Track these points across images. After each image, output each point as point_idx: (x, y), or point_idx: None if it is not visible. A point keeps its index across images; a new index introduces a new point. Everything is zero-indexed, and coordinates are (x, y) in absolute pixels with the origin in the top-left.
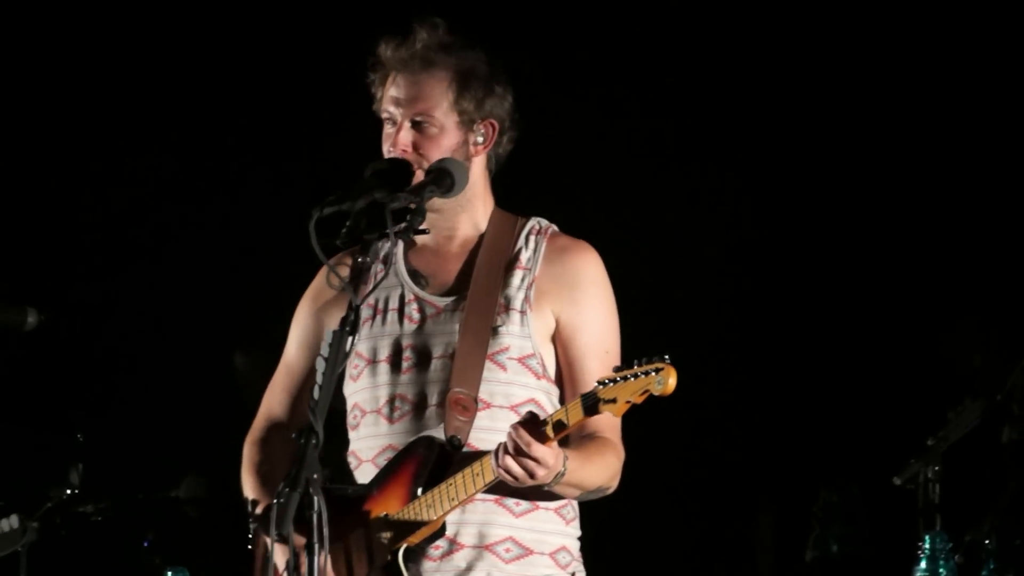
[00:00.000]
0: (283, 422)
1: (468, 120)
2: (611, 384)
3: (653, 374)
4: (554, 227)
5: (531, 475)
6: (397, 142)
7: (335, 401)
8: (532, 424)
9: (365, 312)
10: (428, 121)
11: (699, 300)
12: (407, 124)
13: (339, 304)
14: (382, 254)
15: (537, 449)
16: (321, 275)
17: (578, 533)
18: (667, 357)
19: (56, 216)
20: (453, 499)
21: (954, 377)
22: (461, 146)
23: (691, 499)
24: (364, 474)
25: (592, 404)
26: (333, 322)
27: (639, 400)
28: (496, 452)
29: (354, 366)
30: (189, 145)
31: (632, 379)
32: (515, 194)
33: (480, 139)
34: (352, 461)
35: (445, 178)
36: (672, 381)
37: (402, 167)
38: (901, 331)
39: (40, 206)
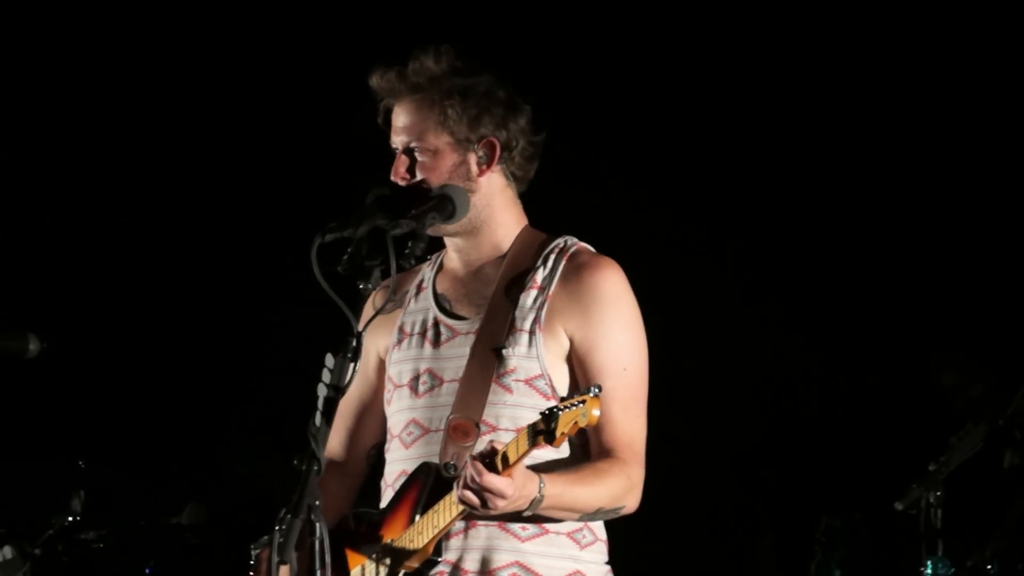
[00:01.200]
0: (339, 461)
1: (464, 140)
2: (548, 414)
3: (580, 406)
4: (581, 244)
5: (489, 506)
6: (394, 172)
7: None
8: (489, 455)
9: (395, 336)
10: (420, 147)
11: (703, 325)
12: (400, 152)
13: (387, 330)
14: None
15: (488, 480)
16: (368, 304)
17: (602, 559)
18: (595, 389)
19: (58, 243)
20: (436, 526)
21: (953, 408)
22: (459, 167)
23: (693, 524)
24: (386, 499)
25: (532, 436)
26: (381, 348)
27: (572, 432)
28: (456, 482)
29: (387, 391)
30: (193, 167)
31: (564, 411)
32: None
33: (483, 158)
34: (381, 485)
35: (446, 204)
36: (596, 412)
37: (403, 193)
38: (903, 357)
39: (40, 232)
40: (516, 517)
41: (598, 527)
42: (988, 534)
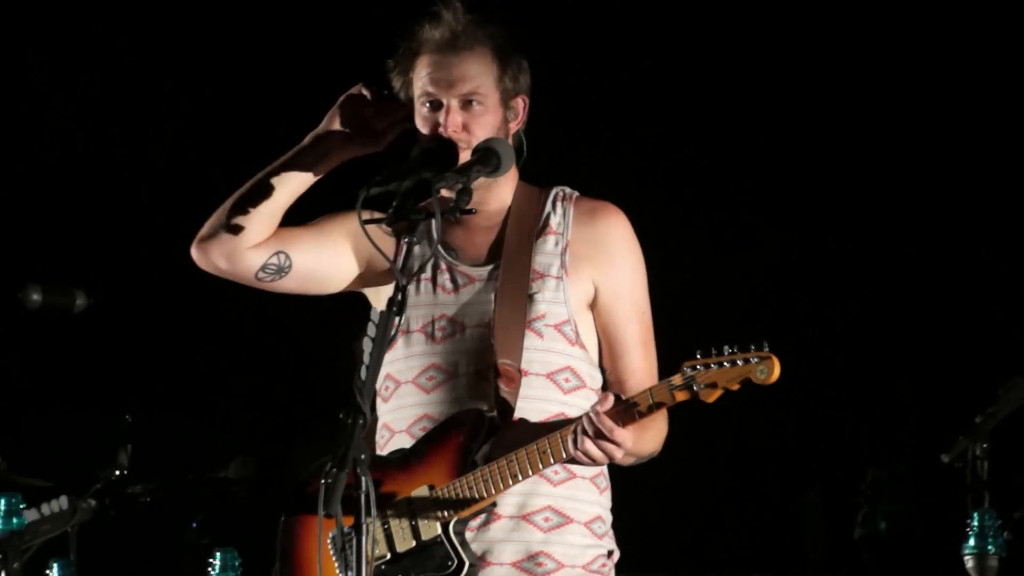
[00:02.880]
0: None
1: (507, 97)
2: (705, 369)
3: (755, 362)
4: (577, 192)
5: (611, 457)
6: (448, 123)
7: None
8: (614, 407)
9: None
10: (477, 100)
11: (750, 281)
12: (455, 104)
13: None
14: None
15: (619, 434)
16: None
17: (610, 503)
18: (767, 345)
19: (108, 198)
20: (516, 475)
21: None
22: (502, 124)
23: (740, 476)
24: (398, 445)
25: (689, 387)
26: (340, 250)
27: (736, 387)
28: (573, 433)
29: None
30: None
31: (730, 365)
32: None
33: (513, 115)
34: (384, 433)
35: (492, 157)
36: (777, 371)
37: (447, 147)
38: (949, 308)
39: (92, 188)
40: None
41: (607, 473)
42: None
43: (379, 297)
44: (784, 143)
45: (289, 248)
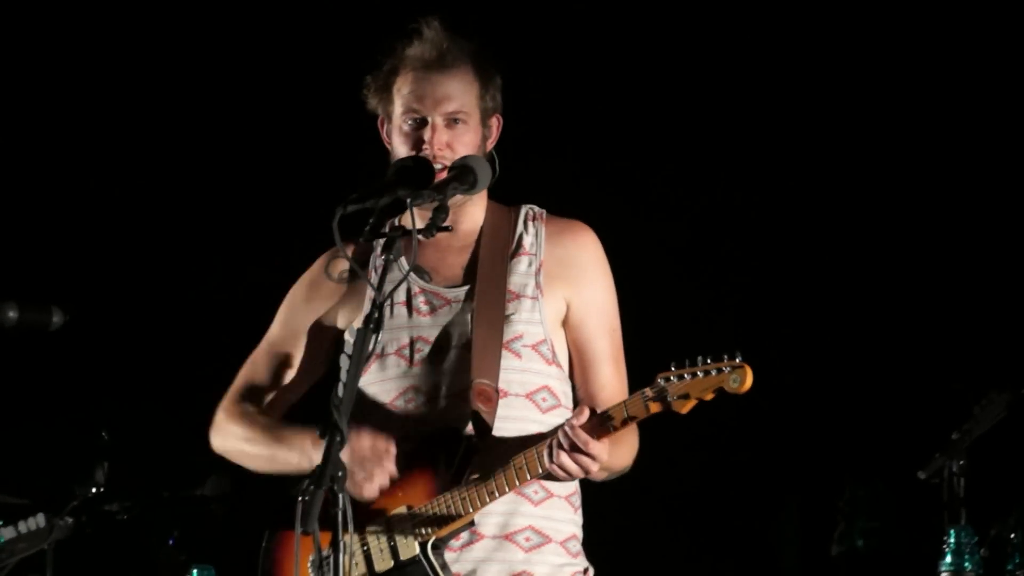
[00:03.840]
0: (261, 394)
1: (486, 115)
2: (678, 380)
3: (728, 371)
4: (545, 211)
5: (586, 471)
6: (434, 141)
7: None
8: (588, 420)
9: (368, 307)
10: (461, 118)
11: (723, 294)
12: (440, 122)
13: (331, 296)
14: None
15: (594, 447)
16: (319, 264)
17: (581, 521)
18: (739, 355)
19: (80, 215)
20: (492, 492)
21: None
22: (481, 143)
23: (716, 492)
24: None
25: (662, 399)
26: (319, 311)
27: (709, 398)
28: (549, 448)
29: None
30: (215, 139)
31: (703, 376)
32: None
33: (488, 133)
34: None
35: (468, 175)
36: (749, 380)
37: (424, 165)
38: (926, 325)
39: (64, 204)
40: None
41: (580, 491)
42: (1012, 503)
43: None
44: (757, 154)
45: (290, 397)
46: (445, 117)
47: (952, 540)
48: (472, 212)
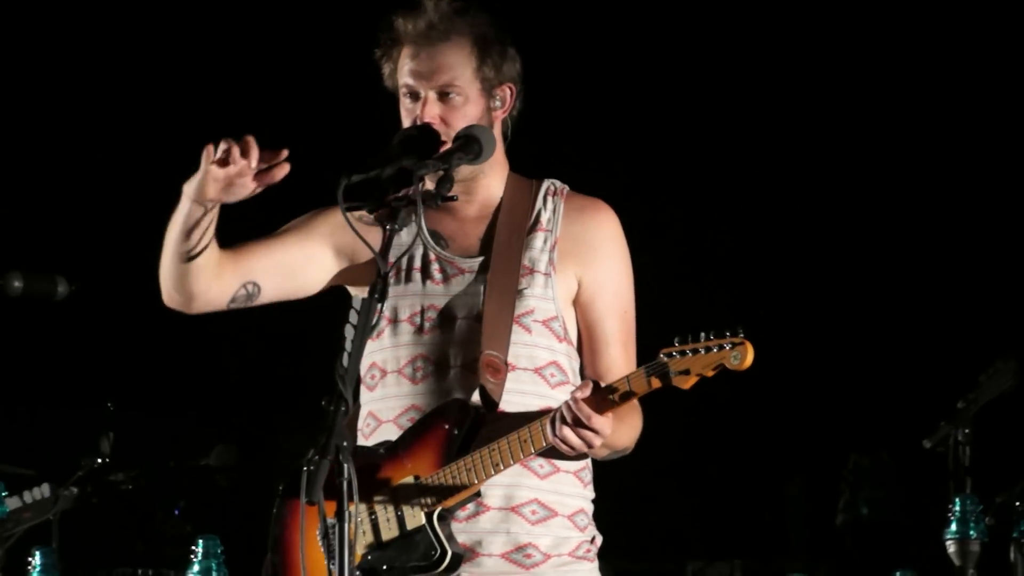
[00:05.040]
0: (232, 253)
1: (489, 86)
2: (680, 356)
3: (728, 348)
4: (567, 187)
5: (589, 445)
6: (424, 114)
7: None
8: (592, 394)
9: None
10: (454, 91)
11: (728, 268)
12: (432, 96)
13: (346, 241)
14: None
15: (597, 421)
16: (339, 213)
17: (593, 495)
18: (741, 331)
19: (86, 184)
20: (497, 464)
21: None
22: (484, 113)
23: (723, 464)
24: (384, 434)
25: (663, 375)
26: (330, 242)
27: (711, 374)
28: (552, 421)
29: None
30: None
31: (704, 352)
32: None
33: (498, 104)
34: (370, 422)
35: (473, 144)
36: (750, 357)
37: (430, 134)
38: (931, 295)
39: (71, 175)
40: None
41: (591, 466)
42: (1017, 471)
43: (362, 292)
44: (762, 135)
45: (256, 276)
46: (437, 90)
47: (957, 508)
48: (490, 184)
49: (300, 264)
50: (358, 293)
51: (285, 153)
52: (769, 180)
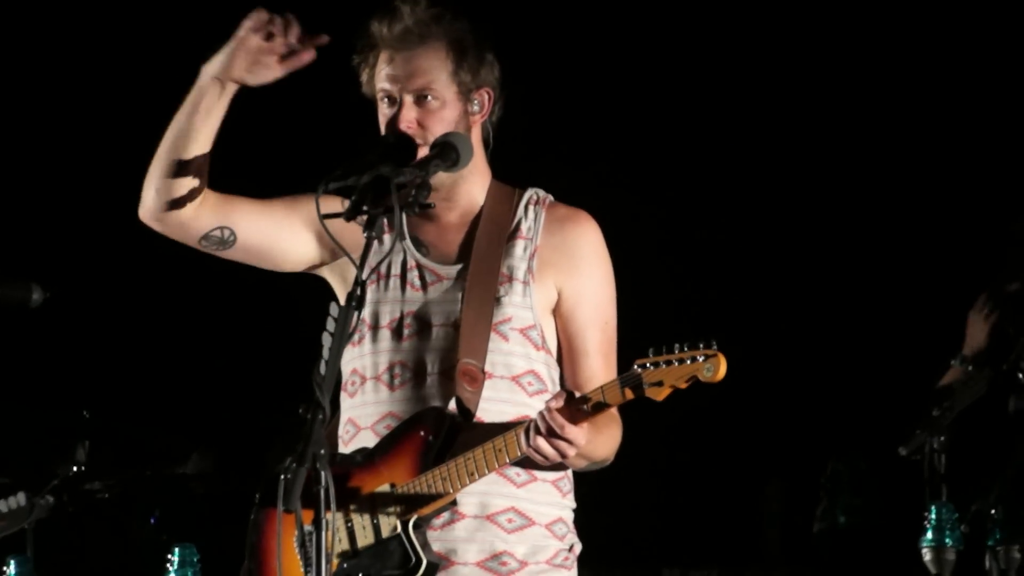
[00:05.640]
0: (220, 194)
1: (466, 90)
2: (654, 368)
3: (701, 360)
4: (550, 197)
5: (563, 456)
6: (401, 119)
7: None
8: (566, 404)
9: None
10: (430, 94)
11: (703, 272)
12: (409, 100)
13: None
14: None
15: (570, 431)
16: (321, 203)
17: (573, 505)
18: (715, 344)
19: (62, 193)
20: (472, 473)
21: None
22: (462, 118)
23: (700, 470)
24: (362, 441)
25: (636, 386)
26: (313, 227)
27: (684, 386)
28: (526, 431)
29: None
30: None
31: (677, 364)
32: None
33: (476, 108)
34: (349, 428)
35: (450, 152)
36: (723, 369)
37: (406, 142)
38: (906, 302)
39: (46, 183)
40: (514, 464)
41: (571, 476)
42: (992, 480)
43: (346, 286)
44: (741, 142)
45: (235, 224)
46: (413, 94)
47: (933, 516)
48: (471, 190)
49: (282, 233)
50: (337, 286)
51: (326, 39)
52: (748, 187)
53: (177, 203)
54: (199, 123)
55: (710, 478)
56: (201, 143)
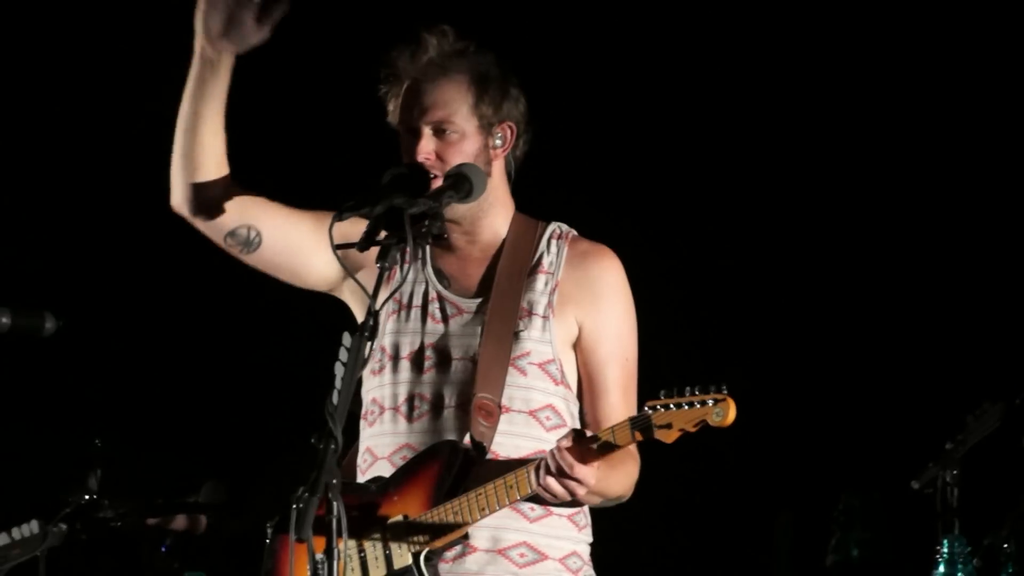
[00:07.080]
0: (251, 194)
1: (487, 124)
2: (664, 410)
3: (711, 404)
4: (574, 232)
5: (572, 494)
6: (419, 150)
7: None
8: (576, 443)
9: (391, 306)
10: (449, 127)
11: (718, 305)
12: (428, 132)
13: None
14: (399, 258)
15: (580, 471)
16: (346, 227)
17: (590, 539)
18: (725, 388)
19: (76, 221)
20: (483, 509)
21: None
22: (482, 151)
23: (712, 503)
24: (378, 471)
25: (645, 428)
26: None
27: (693, 430)
28: (536, 469)
29: (376, 360)
30: None
31: (687, 407)
32: (531, 199)
33: (499, 142)
34: (367, 458)
35: (464, 183)
36: (732, 415)
37: (420, 172)
38: (919, 336)
39: (59, 211)
40: (528, 498)
41: (588, 510)
42: (1005, 513)
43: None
44: (748, 171)
45: (262, 225)
46: (432, 126)
47: (945, 550)
48: (494, 223)
49: (307, 244)
50: (357, 309)
51: None
52: (768, 224)
53: (199, 190)
54: (202, 108)
55: (722, 510)
56: (210, 127)
